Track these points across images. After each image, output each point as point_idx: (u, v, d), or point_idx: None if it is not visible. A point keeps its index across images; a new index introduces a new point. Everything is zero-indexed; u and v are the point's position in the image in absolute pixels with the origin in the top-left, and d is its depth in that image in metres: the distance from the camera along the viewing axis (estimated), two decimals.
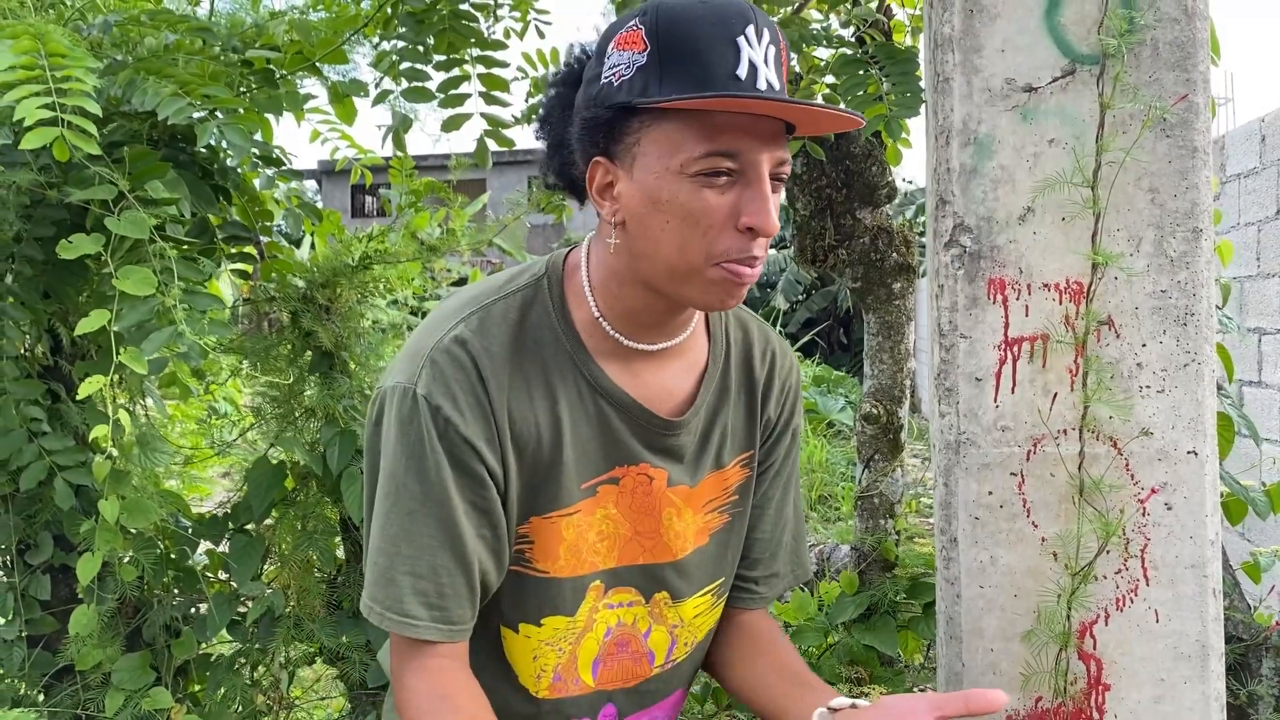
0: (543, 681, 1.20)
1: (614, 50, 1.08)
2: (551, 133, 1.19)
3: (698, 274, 1.09)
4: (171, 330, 1.78)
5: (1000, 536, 1.59)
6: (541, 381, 1.14)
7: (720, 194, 1.06)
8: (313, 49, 2.14)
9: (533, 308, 1.17)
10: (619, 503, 1.19)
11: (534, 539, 1.17)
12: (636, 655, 1.24)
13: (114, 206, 1.85)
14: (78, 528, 2.22)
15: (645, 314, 1.17)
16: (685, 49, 1.03)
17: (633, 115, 1.07)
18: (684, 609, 1.26)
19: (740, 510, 1.30)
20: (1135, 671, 1.57)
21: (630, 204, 1.10)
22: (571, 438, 1.15)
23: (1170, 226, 1.55)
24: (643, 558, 1.21)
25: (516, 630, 1.19)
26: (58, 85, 1.60)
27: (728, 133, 1.04)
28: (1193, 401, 1.55)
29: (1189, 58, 1.54)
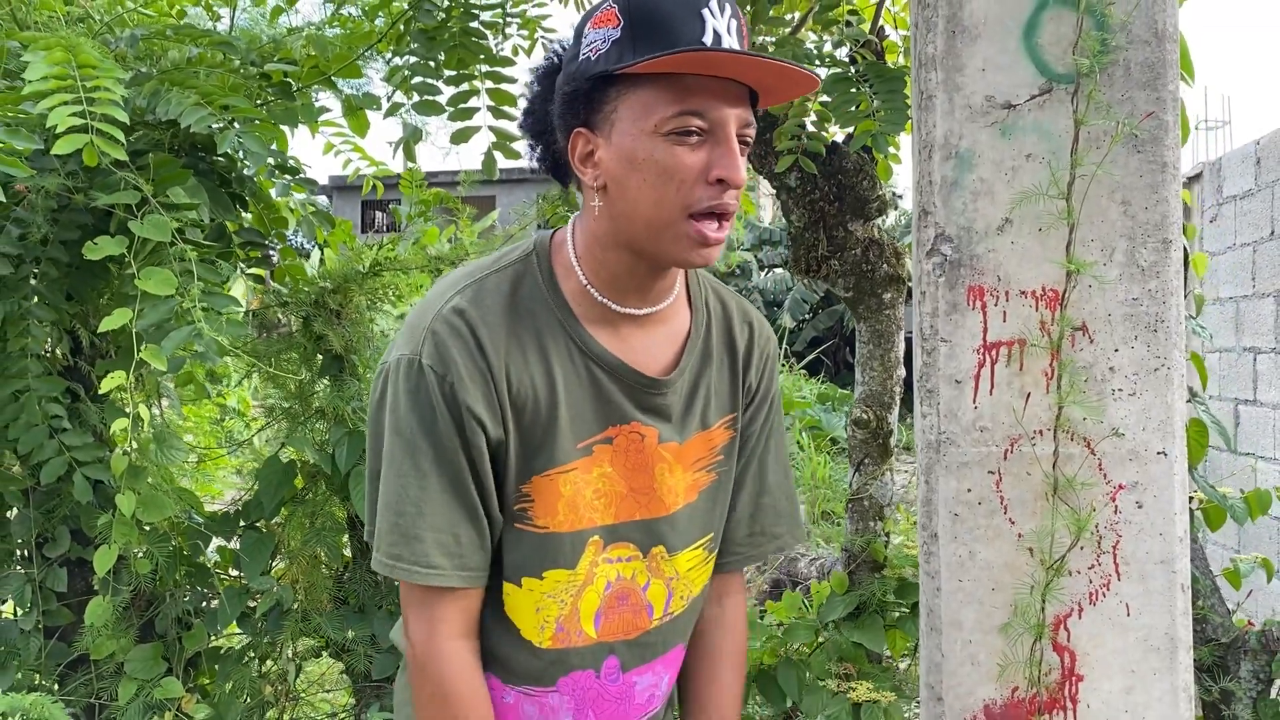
0: (545, 632, 1.26)
1: (590, 30, 1.17)
2: (535, 123, 1.28)
3: (673, 227, 1.17)
4: (190, 329, 1.86)
5: (979, 532, 1.66)
6: (535, 347, 1.21)
7: (692, 151, 1.14)
8: (328, 64, 2.24)
9: (524, 280, 1.25)
10: (614, 461, 1.25)
11: (534, 497, 1.23)
12: (636, 608, 1.30)
13: (137, 211, 1.94)
14: (95, 522, 2.30)
15: (629, 278, 1.24)
16: (655, 20, 1.12)
17: (609, 85, 1.16)
18: (679, 562, 1.32)
19: (726, 469, 1.37)
20: (1107, 663, 1.63)
21: (610, 167, 1.18)
22: (565, 399, 1.22)
23: (1141, 237, 1.62)
24: (639, 513, 1.28)
25: (519, 584, 1.25)
26: (88, 95, 1.69)
27: (696, 94, 1.13)
28: (1162, 404, 1.62)
29: (1159, 78, 1.62)
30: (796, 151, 2.24)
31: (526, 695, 1.28)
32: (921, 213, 1.72)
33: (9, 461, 2.46)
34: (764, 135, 2.35)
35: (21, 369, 2.19)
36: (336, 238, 2.79)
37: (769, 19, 2.19)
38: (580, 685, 1.29)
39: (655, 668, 1.33)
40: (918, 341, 1.76)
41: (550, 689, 1.28)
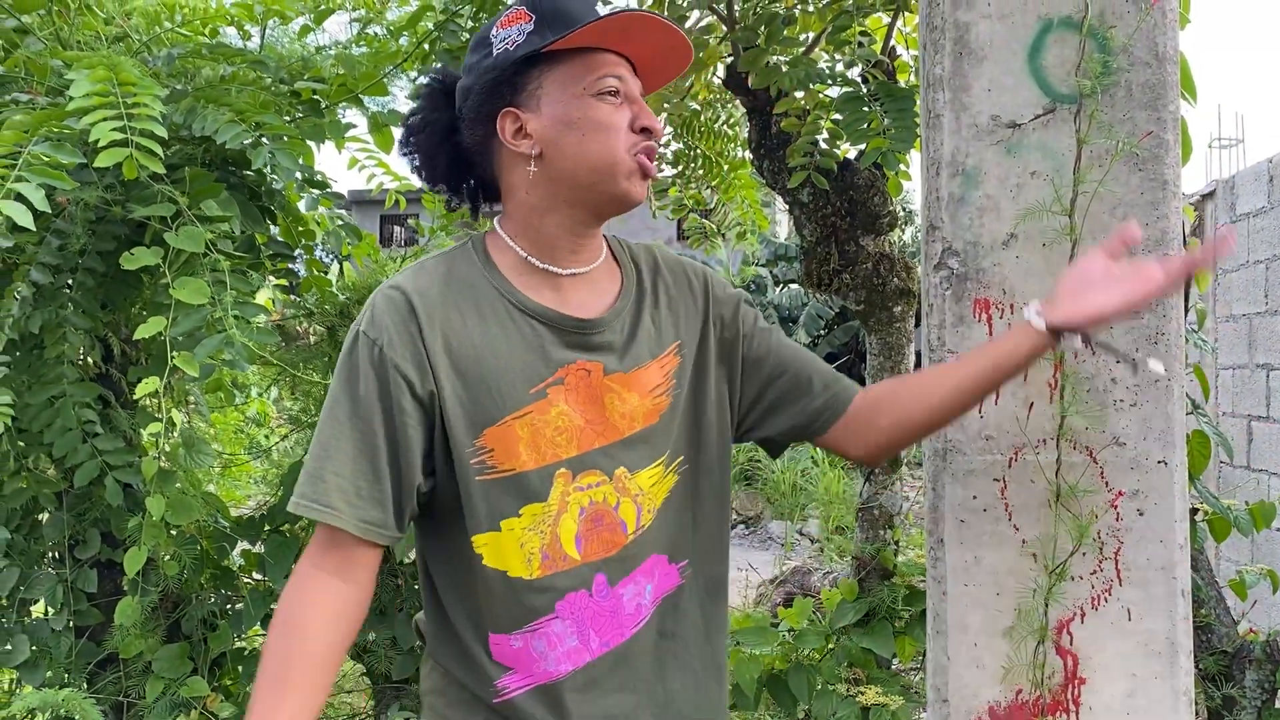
0: (533, 563, 1.34)
1: (499, 30, 1.36)
2: (432, 135, 1.42)
3: (619, 165, 1.34)
4: (222, 337, 1.93)
5: (984, 538, 1.71)
6: (473, 311, 1.34)
7: (616, 110, 1.35)
8: (355, 81, 2.31)
9: (458, 261, 1.39)
10: (568, 398, 1.35)
11: (493, 446, 1.32)
12: (611, 526, 1.38)
13: (171, 223, 2.01)
14: (125, 525, 2.37)
15: (566, 238, 1.39)
16: (561, 12, 1.33)
17: (531, 67, 1.34)
18: (640, 479, 1.41)
19: (680, 392, 1.46)
20: (1109, 666, 1.68)
21: (546, 134, 1.34)
22: (508, 352, 1.33)
23: (1142, 253, 1.67)
24: (598, 442, 1.37)
25: (499, 528, 1.33)
26: (128, 111, 1.77)
27: (608, 64, 1.35)
28: (1163, 415, 1.67)
29: (1160, 98, 1.67)
30: (809, 168, 2.30)
31: (531, 632, 1.35)
32: (929, 228, 1.78)
33: (43, 465, 2.53)
34: (778, 152, 2.41)
35: (57, 375, 2.26)
36: (361, 251, 2.86)
37: (782, 39, 2.25)
38: (576, 606, 1.36)
39: (636, 578, 1.40)
40: (926, 353, 1.81)
41: (551, 616, 1.35)
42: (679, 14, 2.33)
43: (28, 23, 2.16)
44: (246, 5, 2.23)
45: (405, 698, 2.42)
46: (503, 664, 1.35)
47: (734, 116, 3.49)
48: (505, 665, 1.35)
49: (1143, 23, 1.67)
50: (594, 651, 1.36)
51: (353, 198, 23.75)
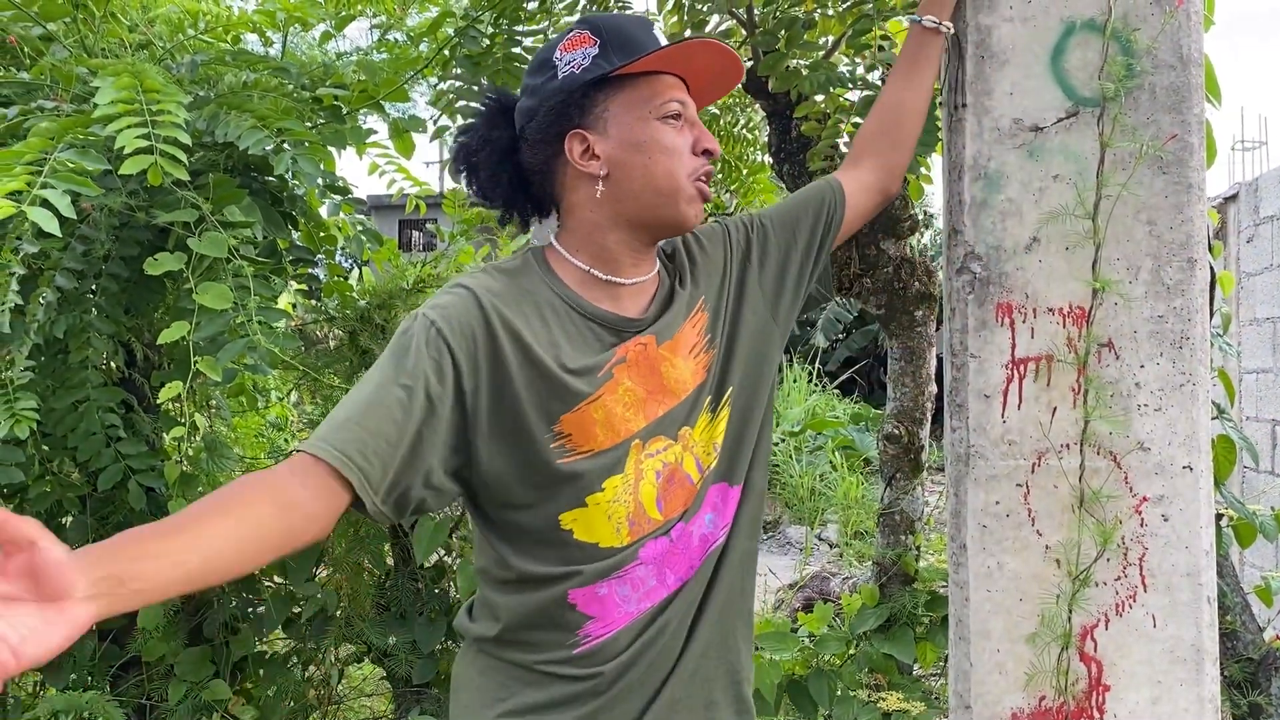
0: (622, 532, 1.41)
1: (562, 53, 1.41)
2: (492, 152, 1.47)
3: (683, 190, 1.42)
4: (244, 341, 1.94)
5: (1006, 544, 1.70)
6: (536, 312, 1.40)
7: (679, 132, 1.42)
8: (376, 88, 2.32)
9: (522, 272, 1.44)
10: (630, 374, 1.43)
11: (570, 431, 1.38)
12: (682, 482, 1.46)
13: (195, 228, 2.02)
14: None
15: (627, 254, 1.45)
16: (625, 35, 1.41)
17: (596, 91, 1.40)
18: (696, 432, 1.49)
19: (716, 340, 1.53)
20: (1134, 673, 1.66)
21: (613, 155, 1.41)
22: (571, 345, 1.40)
23: (1166, 256, 1.66)
24: (660, 409, 1.44)
25: (585, 504, 1.39)
26: (153, 118, 1.78)
27: (671, 88, 1.43)
28: (1188, 420, 1.66)
29: (1184, 101, 1.66)
30: (829, 172, 2.30)
31: (617, 579, 1.41)
32: (951, 232, 1.77)
33: (67, 469, 2.55)
34: (798, 156, 2.40)
35: (82, 380, 2.28)
36: (381, 256, 2.88)
37: (803, 43, 2.24)
38: (658, 551, 1.44)
39: (702, 513, 1.48)
40: (948, 357, 1.80)
41: (636, 563, 1.42)
42: (699, 19, 2.33)
43: (53, 30, 2.18)
44: (268, 12, 2.25)
45: (425, 701, 2.43)
46: (586, 613, 1.40)
47: (753, 120, 3.49)
48: (588, 614, 1.40)
49: (1167, 25, 1.66)
50: (670, 587, 1.44)
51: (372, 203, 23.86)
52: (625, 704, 1.43)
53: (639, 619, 1.42)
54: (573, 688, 1.41)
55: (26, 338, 2.03)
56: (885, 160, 1.74)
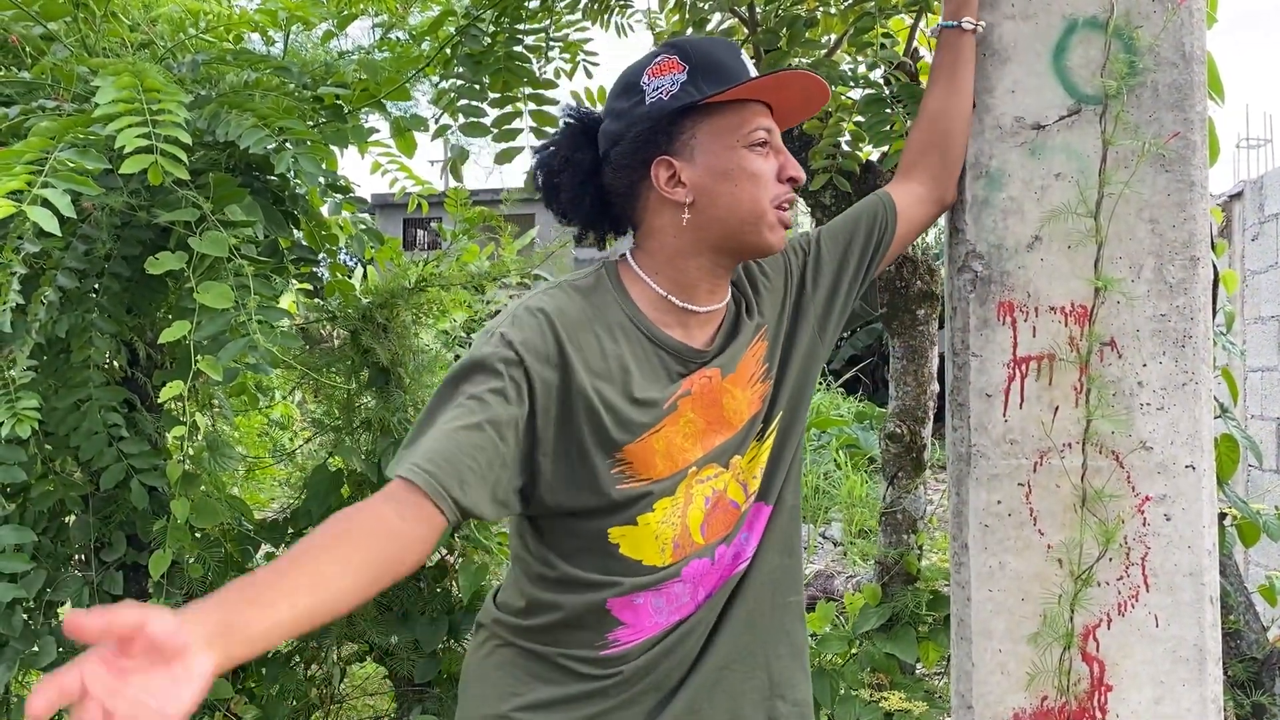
0: (665, 553, 1.43)
1: (650, 79, 1.42)
2: (575, 173, 1.46)
3: (765, 216, 1.42)
4: (245, 340, 1.94)
5: (1008, 543, 1.69)
6: (608, 335, 1.40)
7: (765, 159, 1.42)
8: (378, 87, 2.32)
9: (595, 290, 1.44)
10: (694, 406, 1.44)
11: (632, 460, 1.39)
12: (726, 508, 1.48)
13: (196, 228, 2.02)
14: (150, 527, 2.39)
15: (706, 280, 1.46)
16: (714, 63, 1.41)
17: (682, 118, 1.40)
18: (744, 460, 1.50)
19: (772, 368, 1.53)
20: (1136, 673, 1.66)
21: (700, 182, 1.41)
22: (640, 375, 1.41)
23: (1169, 255, 1.66)
24: (718, 440, 1.46)
25: (635, 523, 1.41)
26: (153, 117, 1.78)
27: (758, 114, 1.43)
28: (1190, 419, 1.65)
29: (1186, 99, 1.66)
30: (831, 170, 2.30)
31: (655, 592, 1.43)
32: (953, 230, 1.77)
33: (70, 468, 2.55)
34: (800, 155, 2.40)
35: (84, 379, 2.28)
36: (384, 255, 2.87)
37: (804, 41, 2.24)
38: (698, 571, 1.46)
39: (740, 535, 1.50)
40: (949, 356, 1.80)
41: (676, 580, 1.44)
42: (700, 17, 2.33)
43: (54, 30, 2.18)
44: (270, 11, 2.25)
45: (428, 700, 2.43)
46: (620, 619, 1.42)
47: None
48: (621, 620, 1.42)
49: (1169, 22, 1.65)
50: (698, 601, 1.46)
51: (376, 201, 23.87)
52: (637, 706, 1.44)
53: (667, 630, 1.44)
54: (588, 685, 1.42)
55: (28, 337, 2.03)
56: (938, 171, 1.72)
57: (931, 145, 1.71)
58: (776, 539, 1.54)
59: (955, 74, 1.69)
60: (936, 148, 1.71)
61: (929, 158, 1.72)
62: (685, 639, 1.45)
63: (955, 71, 1.69)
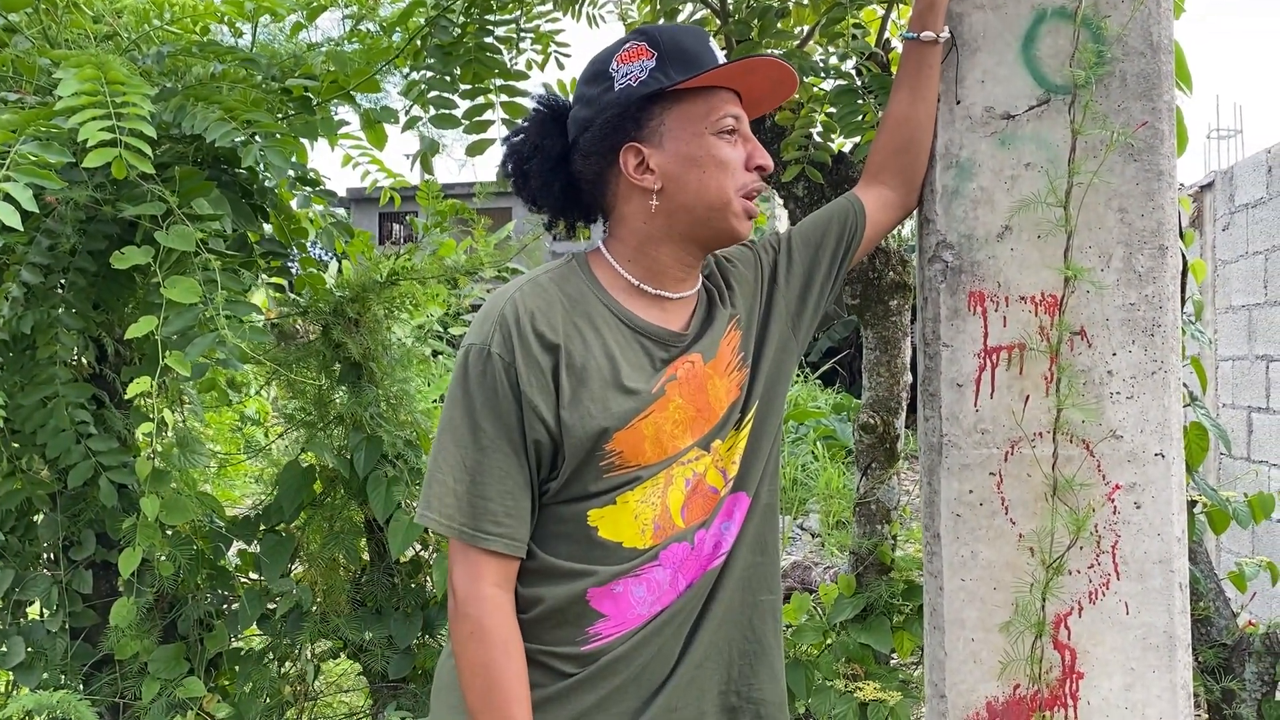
0: (646, 534, 1.43)
1: (619, 65, 1.42)
2: (543, 160, 1.48)
3: (731, 204, 1.43)
4: (213, 335, 1.92)
5: (980, 532, 1.70)
6: (589, 326, 1.42)
7: (733, 147, 1.43)
8: (347, 78, 2.29)
9: (568, 279, 1.45)
10: (682, 391, 1.45)
11: (622, 449, 1.40)
12: (705, 493, 1.48)
13: (162, 222, 2.00)
14: (119, 525, 2.36)
15: (676, 267, 1.47)
16: (682, 50, 1.41)
17: (652, 105, 1.41)
18: (723, 446, 1.50)
19: (747, 358, 1.54)
20: (1107, 660, 1.67)
21: (668, 169, 1.42)
22: (625, 362, 1.42)
23: (1138, 244, 1.66)
24: (706, 428, 1.47)
25: (615, 503, 1.42)
26: (117, 110, 1.75)
27: (726, 102, 1.43)
28: (1160, 407, 1.66)
29: (1154, 88, 1.66)
30: (803, 161, 2.29)
31: (634, 577, 1.43)
32: (924, 221, 1.77)
33: (37, 466, 2.52)
34: (771, 146, 2.39)
35: (50, 376, 2.25)
36: (355, 249, 2.85)
37: (776, 32, 2.23)
38: (678, 555, 1.46)
39: (719, 521, 1.50)
40: (920, 346, 1.80)
41: (655, 564, 1.44)
42: (671, 7, 2.32)
43: (15, 21, 2.15)
44: (237, 2, 2.22)
45: (402, 696, 2.42)
46: (600, 611, 1.42)
47: None
48: (601, 612, 1.42)
49: (1137, 12, 1.66)
50: (679, 590, 1.45)
51: (351, 195, 23.70)
52: (619, 704, 1.43)
53: (649, 620, 1.44)
54: (566, 683, 1.42)
55: None
56: (904, 176, 1.73)
57: (897, 150, 1.72)
58: (751, 536, 1.55)
59: (919, 81, 1.69)
60: (904, 154, 1.72)
61: (895, 163, 1.73)
62: (664, 629, 1.45)
63: (919, 79, 1.69)
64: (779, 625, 1.61)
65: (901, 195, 1.74)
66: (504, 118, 2.46)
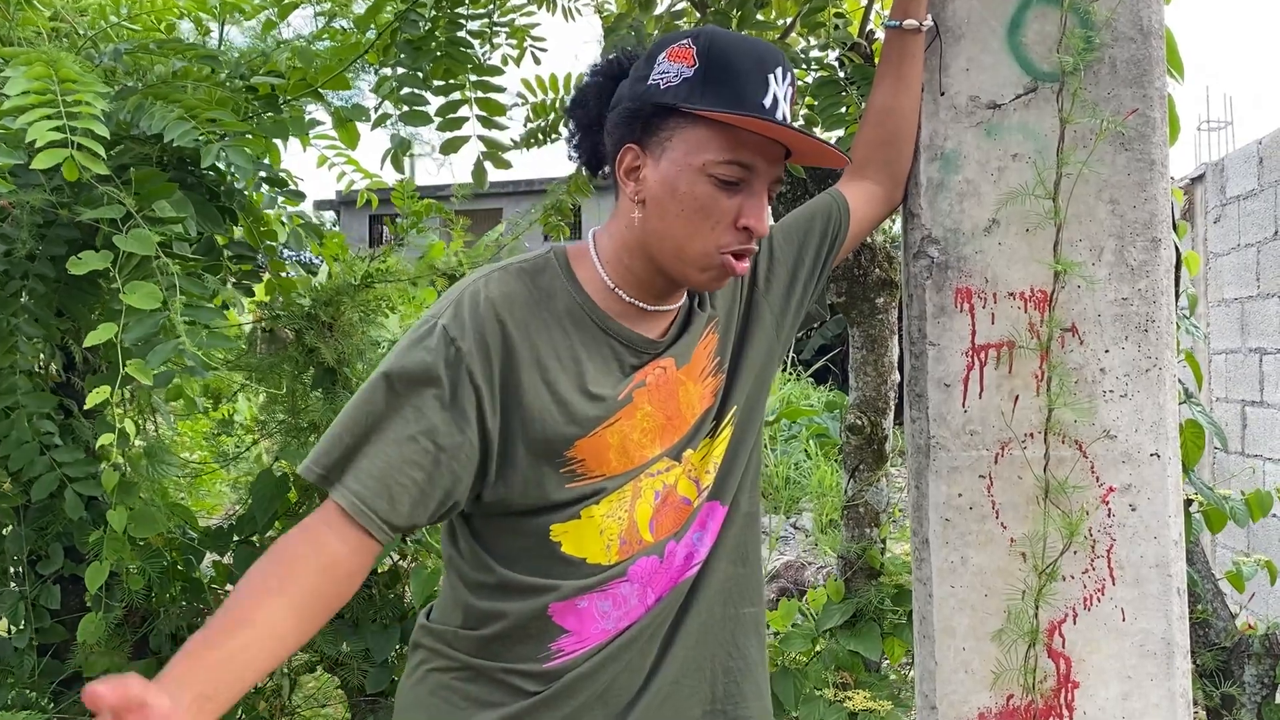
0: (611, 550, 1.35)
1: (665, 59, 1.30)
2: (584, 115, 1.40)
3: (700, 259, 1.30)
4: (176, 343, 1.85)
5: (970, 537, 1.64)
6: (558, 325, 1.33)
7: (728, 197, 1.28)
8: (315, 75, 2.23)
9: (543, 273, 1.36)
10: (650, 398, 1.37)
11: (584, 457, 1.32)
12: (676, 505, 1.40)
13: (122, 225, 1.93)
14: (88, 538, 2.29)
15: (652, 283, 1.37)
16: (727, 72, 1.26)
17: (670, 115, 1.29)
18: (697, 455, 1.43)
19: (724, 362, 1.46)
20: (1103, 669, 1.61)
21: (652, 187, 1.30)
22: (593, 365, 1.33)
23: (1130, 236, 1.60)
24: (675, 437, 1.39)
25: (579, 517, 1.33)
26: (68, 109, 1.69)
27: (747, 148, 1.27)
28: (1154, 405, 1.60)
29: (1145, 74, 1.60)
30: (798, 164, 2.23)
31: (600, 592, 1.35)
32: (908, 215, 1.71)
33: (1, 479, 2.45)
34: None
35: (10, 386, 2.18)
36: (330, 251, 2.79)
37: (756, 23, 2.17)
38: (646, 570, 1.38)
39: (691, 532, 1.43)
40: (906, 345, 1.74)
41: (622, 579, 1.36)
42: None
43: None
44: None
45: (381, 711, 2.35)
46: (563, 627, 1.35)
47: None
48: (564, 628, 1.35)
49: None
50: (647, 605, 1.38)
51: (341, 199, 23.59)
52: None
53: (616, 636, 1.37)
54: (527, 702, 1.35)
55: None
56: (889, 170, 1.67)
57: (881, 143, 1.66)
58: (730, 546, 1.47)
59: (902, 71, 1.63)
60: (886, 145, 1.65)
61: (879, 156, 1.66)
62: (631, 645, 1.37)
63: (902, 69, 1.63)
64: (763, 639, 1.55)
65: (887, 189, 1.68)
66: (479, 114, 2.39)
